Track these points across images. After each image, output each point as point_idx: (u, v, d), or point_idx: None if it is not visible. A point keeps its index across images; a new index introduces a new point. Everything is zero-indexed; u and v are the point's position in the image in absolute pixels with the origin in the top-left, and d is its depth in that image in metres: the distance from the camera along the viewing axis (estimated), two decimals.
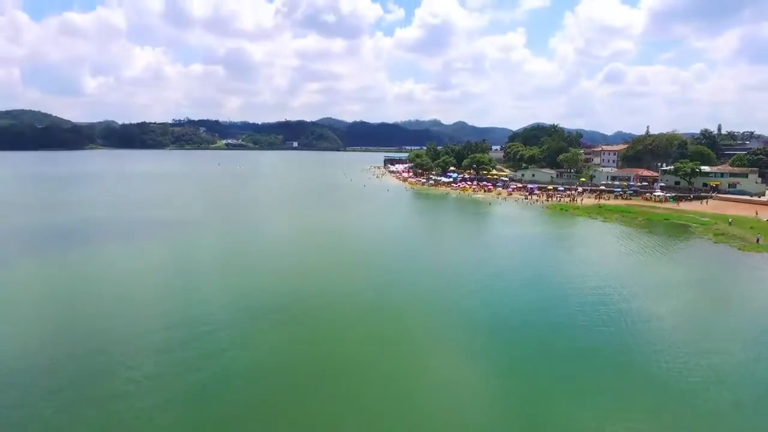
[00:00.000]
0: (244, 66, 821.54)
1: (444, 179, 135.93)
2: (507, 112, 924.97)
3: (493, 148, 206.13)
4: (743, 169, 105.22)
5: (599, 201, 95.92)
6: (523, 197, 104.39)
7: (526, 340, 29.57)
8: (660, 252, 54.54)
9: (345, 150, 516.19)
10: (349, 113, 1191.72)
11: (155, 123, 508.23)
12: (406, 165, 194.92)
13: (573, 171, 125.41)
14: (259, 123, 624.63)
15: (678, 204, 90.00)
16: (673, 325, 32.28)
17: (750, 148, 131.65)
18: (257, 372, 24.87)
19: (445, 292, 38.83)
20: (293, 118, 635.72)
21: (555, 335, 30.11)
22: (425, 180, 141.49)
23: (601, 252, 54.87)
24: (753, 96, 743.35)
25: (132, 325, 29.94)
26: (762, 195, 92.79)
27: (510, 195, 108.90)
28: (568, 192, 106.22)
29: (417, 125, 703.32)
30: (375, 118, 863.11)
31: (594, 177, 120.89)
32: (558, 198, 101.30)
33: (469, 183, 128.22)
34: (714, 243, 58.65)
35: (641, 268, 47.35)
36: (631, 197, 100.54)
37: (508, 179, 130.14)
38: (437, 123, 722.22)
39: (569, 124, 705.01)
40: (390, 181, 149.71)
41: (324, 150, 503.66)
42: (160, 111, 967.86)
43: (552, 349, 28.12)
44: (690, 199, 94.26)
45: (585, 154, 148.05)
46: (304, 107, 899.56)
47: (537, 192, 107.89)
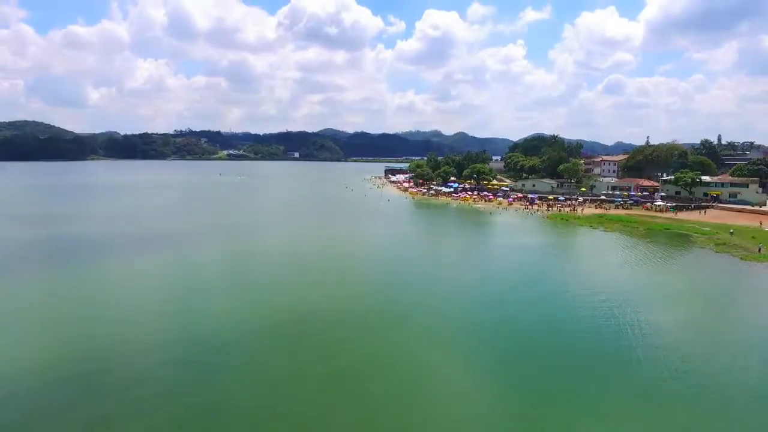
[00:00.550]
0: (246, 77, 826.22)
1: (444, 189, 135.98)
2: (507, 123, 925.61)
3: (494, 158, 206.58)
4: (744, 179, 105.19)
5: (600, 211, 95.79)
6: (524, 207, 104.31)
7: (528, 349, 29.32)
8: (662, 262, 54.25)
9: (346, 161, 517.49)
10: (351, 124, 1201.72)
11: (157, 134, 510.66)
12: (406, 175, 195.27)
13: (573, 181, 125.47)
14: (261, 134, 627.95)
15: (676, 214, 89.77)
16: (677, 336, 31.99)
17: (750, 158, 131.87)
18: (267, 389, 24.33)
19: (449, 303, 38.56)
20: (295, 129, 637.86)
21: (558, 345, 29.87)
22: (426, 190, 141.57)
23: (603, 262, 54.60)
24: (753, 107, 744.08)
25: (137, 342, 29.19)
26: (763, 205, 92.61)
27: (510, 205, 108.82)
28: (568, 202, 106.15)
29: (418, 136, 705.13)
30: (376, 129, 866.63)
31: (594, 187, 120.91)
32: (558, 208, 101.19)
33: (470, 193, 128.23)
34: (716, 253, 58.36)
35: (643, 277, 47.05)
36: (632, 207, 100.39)
37: (508, 189, 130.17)
38: (438, 134, 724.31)
39: (570, 134, 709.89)
40: (391, 191, 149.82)
41: (325, 161, 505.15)
42: (162, 122, 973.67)
43: (554, 359, 27.83)
44: (691, 209, 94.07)
45: (585, 164, 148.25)
46: (305, 118, 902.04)
47: (537, 202, 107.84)
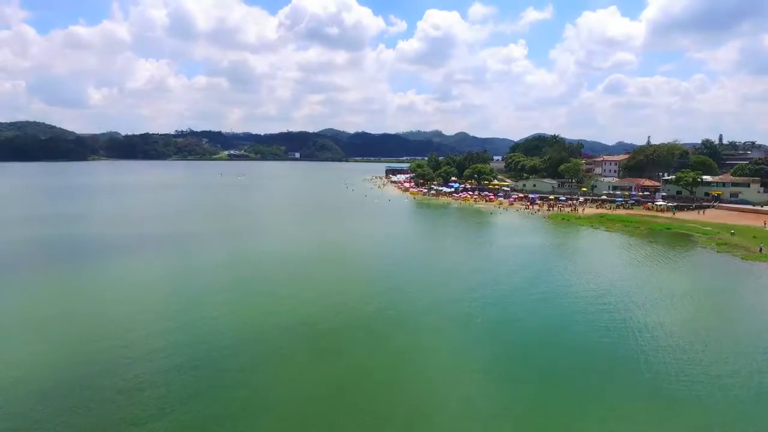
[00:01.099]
0: (246, 78, 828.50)
1: (445, 189, 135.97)
2: (508, 123, 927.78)
3: (495, 158, 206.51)
4: (745, 179, 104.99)
5: (601, 211, 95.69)
6: (525, 207, 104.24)
7: (530, 349, 29.29)
8: (663, 261, 54.16)
9: (347, 161, 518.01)
10: (351, 124, 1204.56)
11: (158, 134, 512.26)
12: (407, 175, 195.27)
13: (574, 181, 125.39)
14: (262, 134, 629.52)
15: (674, 214, 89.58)
16: (680, 336, 31.80)
17: (751, 157, 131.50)
18: (273, 393, 23.95)
19: (451, 303, 38.45)
20: (295, 129, 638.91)
21: (559, 345, 29.82)
22: (426, 190, 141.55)
23: (605, 262, 54.53)
24: (754, 106, 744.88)
25: (141, 346, 28.55)
26: (764, 204, 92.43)
27: (511, 205, 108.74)
28: (569, 202, 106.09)
29: (419, 136, 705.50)
30: (377, 129, 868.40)
31: (595, 187, 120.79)
32: (559, 208, 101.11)
33: (471, 193, 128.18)
34: (717, 252, 58.26)
35: (645, 277, 46.97)
36: (633, 207, 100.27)
37: (509, 189, 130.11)
38: (439, 134, 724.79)
39: (570, 134, 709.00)
40: (391, 191, 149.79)
41: (326, 161, 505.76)
42: (163, 122, 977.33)
43: (556, 359, 27.80)
44: (692, 209, 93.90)
45: (586, 164, 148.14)
46: (306, 118, 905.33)
47: (539, 202, 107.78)
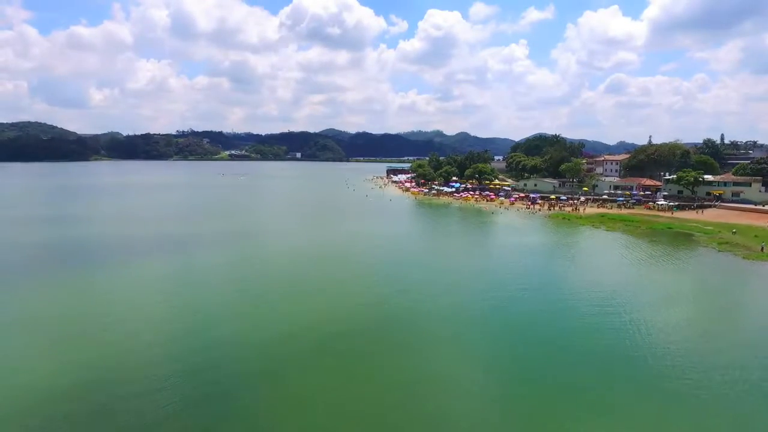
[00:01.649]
0: (248, 78, 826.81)
1: (446, 189, 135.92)
2: (509, 122, 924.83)
3: (496, 158, 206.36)
4: (746, 178, 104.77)
5: (602, 210, 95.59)
6: (526, 207, 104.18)
7: (531, 350, 29.30)
8: (664, 261, 54.10)
9: (348, 161, 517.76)
10: (353, 124, 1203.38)
11: (159, 134, 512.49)
12: (408, 175, 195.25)
13: (575, 181, 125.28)
14: (263, 134, 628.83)
15: (672, 213, 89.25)
16: (681, 335, 31.84)
17: (753, 157, 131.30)
18: (283, 400, 23.45)
19: (454, 305, 38.45)
20: (297, 129, 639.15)
21: (560, 346, 29.77)
22: (427, 190, 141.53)
23: (606, 261, 54.49)
24: (755, 106, 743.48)
25: (147, 351, 27.99)
26: (766, 204, 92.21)
27: (512, 205, 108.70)
28: (570, 201, 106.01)
29: (420, 136, 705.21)
30: (378, 129, 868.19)
31: (596, 186, 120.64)
32: (560, 207, 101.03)
33: (472, 193, 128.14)
34: (718, 252, 58.18)
35: (646, 277, 46.97)
36: (634, 206, 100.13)
37: (510, 189, 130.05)
38: (440, 134, 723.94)
39: (572, 134, 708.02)
40: (392, 191, 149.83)
41: (327, 161, 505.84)
42: (164, 122, 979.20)
43: (558, 360, 27.79)
44: (693, 208, 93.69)
45: (587, 164, 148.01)
46: (307, 118, 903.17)
47: (539, 201, 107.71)
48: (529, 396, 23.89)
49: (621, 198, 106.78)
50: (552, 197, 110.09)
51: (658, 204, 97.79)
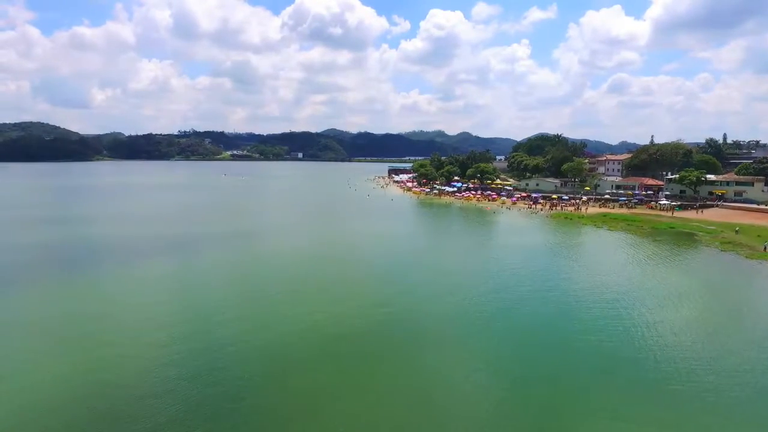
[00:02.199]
0: (249, 78, 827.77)
1: (448, 189, 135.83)
2: (511, 122, 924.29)
3: (498, 158, 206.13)
4: (749, 178, 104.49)
5: (604, 210, 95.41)
6: (527, 206, 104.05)
7: (536, 352, 29.19)
8: (667, 261, 53.94)
9: (350, 161, 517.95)
10: (354, 124, 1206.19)
11: (161, 135, 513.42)
12: (410, 175, 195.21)
13: (577, 180, 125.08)
14: (265, 134, 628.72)
15: (672, 213, 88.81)
16: (685, 335, 31.62)
17: (755, 157, 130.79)
18: (293, 406, 22.91)
19: (458, 307, 38.44)
20: (298, 129, 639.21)
21: (566, 347, 29.65)
22: (429, 190, 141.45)
23: (608, 261, 54.30)
24: (758, 106, 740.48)
25: (153, 354, 27.65)
26: None
27: (514, 204, 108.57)
28: (572, 201, 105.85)
29: (421, 136, 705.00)
30: (379, 129, 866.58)
31: (599, 186, 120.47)
32: (561, 207, 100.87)
33: (474, 192, 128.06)
34: (721, 251, 58.01)
35: (650, 276, 46.79)
36: (636, 206, 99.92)
37: (512, 189, 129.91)
38: (441, 134, 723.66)
39: (574, 134, 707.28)
40: (394, 191, 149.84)
41: (329, 161, 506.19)
42: (166, 123, 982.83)
43: (563, 362, 27.68)
44: (695, 208, 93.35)
45: (589, 163, 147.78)
46: (309, 118, 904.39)
47: (541, 201, 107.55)
48: (535, 398, 23.73)
49: (623, 198, 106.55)
50: (554, 197, 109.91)
51: (660, 204, 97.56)
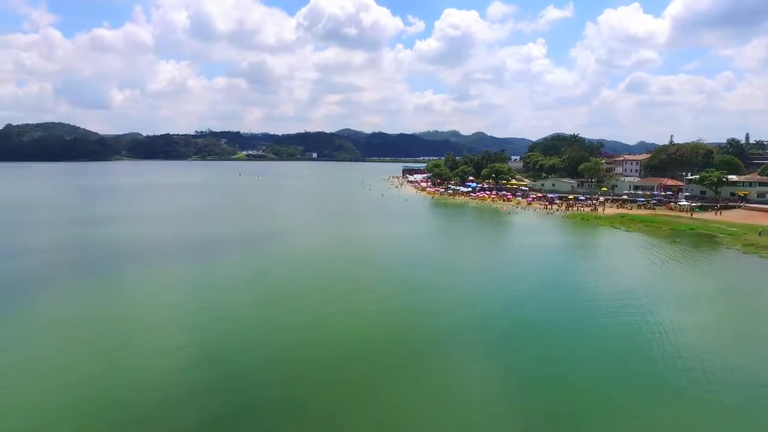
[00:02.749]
0: (265, 78, 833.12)
1: (462, 189, 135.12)
2: (527, 122, 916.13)
3: (513, 158, 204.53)
4: None
5: (622, 211, 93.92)
6: (543, 207, 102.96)
7: (549, 352, 28.76)
8: (687, 263, 52.84)
9: (364, 161, 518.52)
10: (369, 124, 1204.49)
11: (178, 135, 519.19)
12: (424, 175, 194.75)
13: (594, 181, 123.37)
14: (280, 134, 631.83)
15: (691, 215, 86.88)
16: (708, 341, 30.81)
17: None
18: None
19: (472, 307, 38.22)
20: (313, 129, 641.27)
21: (580, 348, 29.24)
22: (443, 190, 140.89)
23: (626, 262, 53.36)
24: None
25: (173, 359, 27.39)
26: None
27: (529, 205, 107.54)
28: (589, 202, 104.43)
29: (436, 136, 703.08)
30: (394, 129, 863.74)
31: (616, 187, 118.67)
32: (578, 208, 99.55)
33: (488, 193, 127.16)
34: (743, 254, 56.63)
35: (669, 279, 45.90)
36: (655, 207, 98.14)
37: (527, 189, 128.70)
38: (456, 134, 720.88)
39: (591, 134, 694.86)
40: (408, 191, 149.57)
41: (343, 161, 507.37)
42: (183, 123, 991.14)
43: (577, 363, 27.29)
44: (717, 209, 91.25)
45: (606, 163, 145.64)
46: (323, 119, 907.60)
47: (557, 202, 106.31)
48: (543, 400, 23.43)
49: (641, 198, 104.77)
50: (570, 197, 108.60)
51: (679, 205, 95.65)
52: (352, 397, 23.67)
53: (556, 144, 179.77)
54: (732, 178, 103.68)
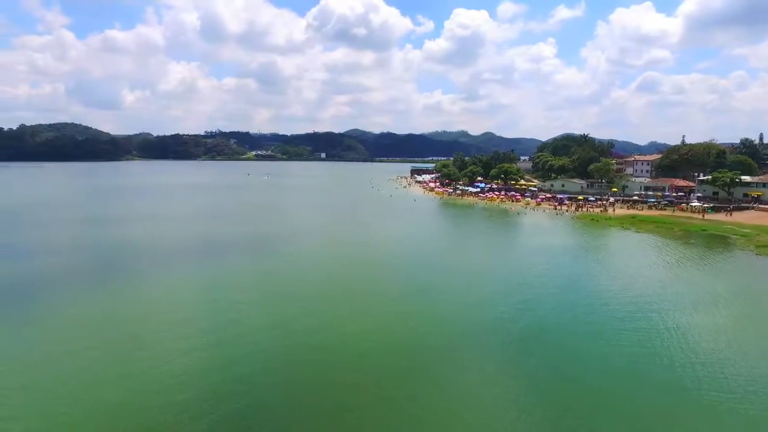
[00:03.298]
0: (274, 79, 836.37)
1: (471, 189, 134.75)
2: (536, 122, 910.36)
3: (522, 158, 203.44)
4: None
5: (632, 211, 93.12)
6: (552, 207, 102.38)
7: (564, 356, 28.45)
8: (700, 264, 52.22)
9: (372, 161, 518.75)
10: (377, 125, 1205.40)
11: (188, 135, 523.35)
12: (432, 175, 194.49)
13: (604, 181, 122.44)
14: (288, 135, 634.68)
15: (703, 216, 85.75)
16: (722, 344, 30.38)
17: None
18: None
19: (484, 306, 38.20)
20: (322, 129, 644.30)
21: (591, 351, 28.97)
22: (452, 190, 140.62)
23: (637, 263, 52.75)
24: None
25: (188, 363, 27.10)
26: None
27: (539, 205, 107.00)
28: (599, 202, 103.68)
29: (444, 136, 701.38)
30: (402, 129, 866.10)
31: (627, 187, 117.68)
32: (587, 209, 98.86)
33: (497, 193, 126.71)
34: (757, 255, 55.93)
35: (681, 281, 45.41)
36: (666, 208, 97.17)
37: (536, 189, 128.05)
38: (465, 134, 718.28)
39: (601, 134, 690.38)
40: (416, 191, 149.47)
41: (352, 161, 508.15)
42: (193, 123, 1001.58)
43: (587, 366, 27.05)
44: (729, 210, 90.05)
45: (617, 164, 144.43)
46: (332, 119, 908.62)
47: (567, 202, 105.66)
48: (552, 405, 23.26)
49: (652, 199, 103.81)
50: (580, 198, 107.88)
51: (691, 205, 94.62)
52: (362, 402, 23.43)
53: (565, 144, 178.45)
54: (745, 178, 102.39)
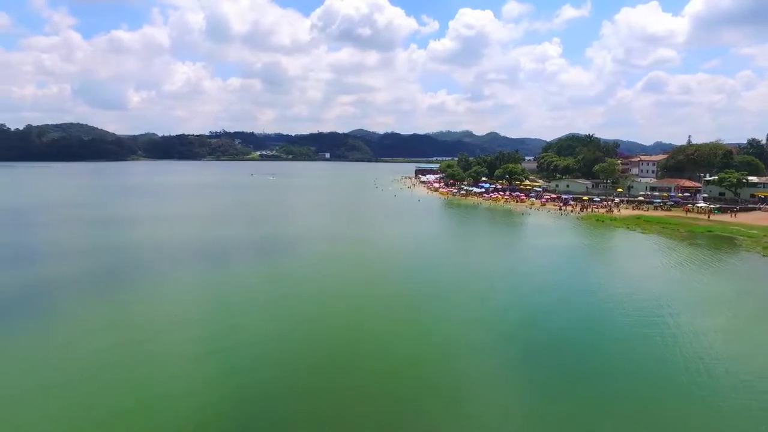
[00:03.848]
0: (279, 79, 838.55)
1: (475, 189, 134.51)
2: (541, 122, 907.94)
3: (527, 158, 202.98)
4: None
5: (637, 212, 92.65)
6: (557, 208, 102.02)
7: (564, 360, 28.22)
8: (706, 266, 51.76)
9: (377, 161, 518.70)
10: (381, 125, 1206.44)
11: (193, 135, 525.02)
12: (437, 175, 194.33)
13: (609, 181, 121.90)
14: (293, 135, 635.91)
15: (708, 217, 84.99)
16: (731, 346, 30.12)
17: None
18: None
19: (483, 307, 38.09)
20: (326, 129, 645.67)
21: (596, 355, 28.75)
22: (456, 190, 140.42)
23: (642, 264, 52.52)
24: None
25: (199, 368, 26.97)
26: None
27: (543, 206, 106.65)
28: (604, 203, 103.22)
29: (449, 136, 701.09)
30: (407, 129, 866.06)
31: (632, 188, 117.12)
32: (592, 209, 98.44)
33: (502, 193, 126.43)
34: (763, 257, 55.47)
35: (687, 283, 45.13)
36: (672, 208, 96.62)
37: (541, 190, 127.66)
38: (469, 134, 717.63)
39: (606, 134, 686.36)
40: (421, 192, 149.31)
41: (356, 161, 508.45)
42: (198, 123, 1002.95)
43: (592, 370, 26.87)
44: (736, 211, 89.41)
45: (622, 164, 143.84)
46: (336, 119, 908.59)
47: (572, 203, 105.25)
48: (557, 410, 23.07)
49: (658, 200, 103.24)
50: (585, 198, 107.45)
51: (697, 206, 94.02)
52: (374, 409, 23.03)
53: (570, 144, 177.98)
54: (752, 179, 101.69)
